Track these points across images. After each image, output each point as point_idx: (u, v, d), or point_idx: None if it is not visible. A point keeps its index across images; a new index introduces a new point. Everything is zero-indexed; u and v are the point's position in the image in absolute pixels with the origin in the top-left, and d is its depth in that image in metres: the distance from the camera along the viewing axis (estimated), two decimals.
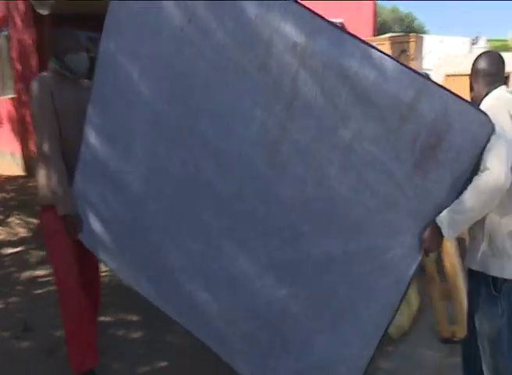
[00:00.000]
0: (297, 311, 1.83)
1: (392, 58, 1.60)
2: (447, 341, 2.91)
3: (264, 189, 1.75)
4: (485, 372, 1.89)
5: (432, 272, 2.97)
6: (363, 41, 1.59)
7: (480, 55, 1.97)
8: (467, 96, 1.80)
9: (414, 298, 3.22)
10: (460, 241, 2.90)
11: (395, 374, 2.60)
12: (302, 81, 1.59)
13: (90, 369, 2.27)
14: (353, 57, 1.57)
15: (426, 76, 1.73)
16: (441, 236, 1.66)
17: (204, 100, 1.75)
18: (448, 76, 8.03)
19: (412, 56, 5.26)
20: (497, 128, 1.59)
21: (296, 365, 1.89)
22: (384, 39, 5.86)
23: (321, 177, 1.68)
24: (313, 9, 1.60)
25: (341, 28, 1.63)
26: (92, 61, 2.04)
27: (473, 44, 13.21)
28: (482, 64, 1.91)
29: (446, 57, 10.19)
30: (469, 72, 1.99)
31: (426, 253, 1.70)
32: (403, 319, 3.02)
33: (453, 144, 1.58)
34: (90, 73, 2.09)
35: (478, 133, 1.58)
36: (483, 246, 1.74)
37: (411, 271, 1.73)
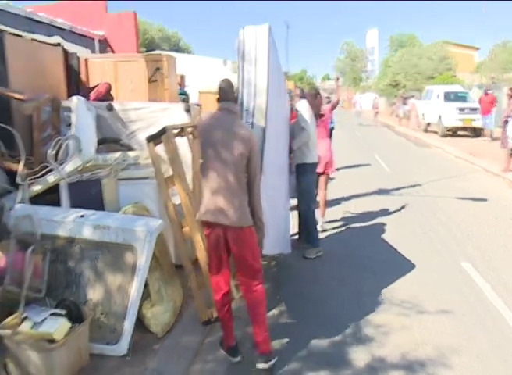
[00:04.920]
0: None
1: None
2: (207, 322, 3.28)
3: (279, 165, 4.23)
4: (302, 223, 5.14)
5: (189, 266, 3.35)
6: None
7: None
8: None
9: (177, 294, 3.47)
10: None
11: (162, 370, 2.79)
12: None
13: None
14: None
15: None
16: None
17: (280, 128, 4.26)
18: (201, 92, 9.02)
19: (166, 74, 5.79)
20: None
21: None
22: (138, 57, 6.15)
23: (280, 149, 4.26)
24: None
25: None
26: None
27: (224, 65, 15.06)
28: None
29: (201, 75, 11.34)
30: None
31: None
32: (167, 316, 3.22)
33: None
34: None
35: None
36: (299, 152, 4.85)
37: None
